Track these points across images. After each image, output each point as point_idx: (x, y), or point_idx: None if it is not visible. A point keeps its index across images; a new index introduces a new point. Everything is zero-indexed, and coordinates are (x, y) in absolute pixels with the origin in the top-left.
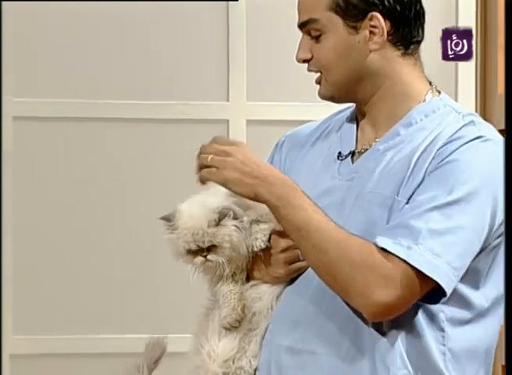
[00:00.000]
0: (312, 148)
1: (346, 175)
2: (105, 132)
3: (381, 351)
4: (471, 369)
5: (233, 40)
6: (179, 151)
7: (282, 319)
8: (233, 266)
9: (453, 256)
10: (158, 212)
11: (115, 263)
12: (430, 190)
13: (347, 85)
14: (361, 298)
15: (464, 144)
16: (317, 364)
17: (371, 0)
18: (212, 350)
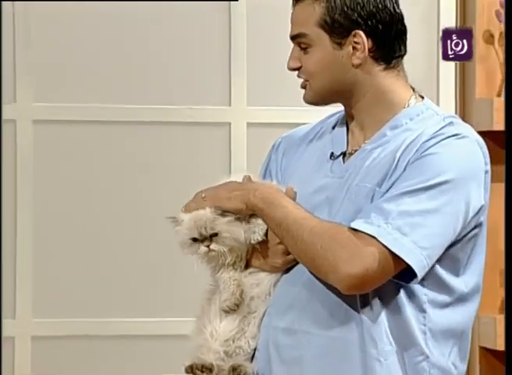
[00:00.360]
0: (307, 149)
1: (338, 173)
2: (119, 133)
3: (369, 330)
4: (447, 347)
5: (235, 49)
6: (185, 151)
7: (278, 303)
8: (234, 255)
9: (419, 236)
10: (166, 205)
11: (127, 253)
12: (407, 179)
13: (329, 93)
14: (333, 273)
15: (442, 140)
16: (311, 343)
17: (355, 19)
18: (214, 330)
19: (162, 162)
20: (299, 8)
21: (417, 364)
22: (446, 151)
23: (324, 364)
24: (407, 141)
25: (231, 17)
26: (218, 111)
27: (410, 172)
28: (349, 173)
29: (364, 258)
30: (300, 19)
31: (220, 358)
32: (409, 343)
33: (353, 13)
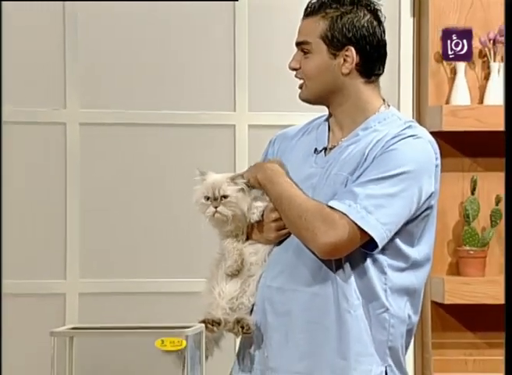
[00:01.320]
0: (296, 144)
1: (320, 164)
2: (145, 134)
3: (341, 288)
4: (403, 301)
5: (239, 65)
6: (197, 148)
7: (272, 268)
8: (236, 223)
9: (381, 215)
10: (180, 192)
11: (152, 228)
12: (373, 169)
13: (320, 94)
14: (313, 241)
15: (402, 139)
16: (297, 299)
17: (349, 37)
18: (221, 291)
19: (178, 157)
20: (307, 21)
21: (379, 315)
22: (405, 148)
23: (307, 315)
24: (374, 140)
25: (235, 39)
26: (224, 115)
27: (376, 164)
28: (329, 164)
29: (337, 231)
30: (306, 30)
31: (226, 313)
32: (373, 298)
33: (348, 33)
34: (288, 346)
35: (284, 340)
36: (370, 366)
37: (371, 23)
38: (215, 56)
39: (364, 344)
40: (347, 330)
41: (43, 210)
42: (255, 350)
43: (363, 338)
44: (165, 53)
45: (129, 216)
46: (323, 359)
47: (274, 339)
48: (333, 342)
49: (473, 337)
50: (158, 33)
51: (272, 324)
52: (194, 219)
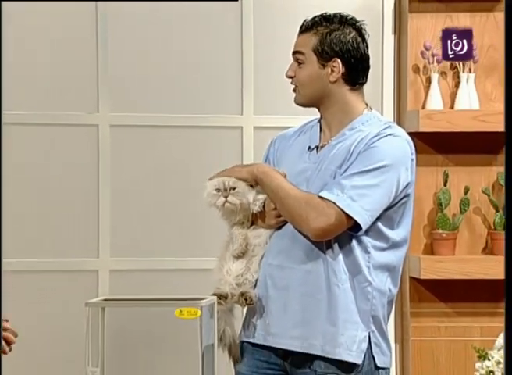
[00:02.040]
0: (293, 143)
1: (313, 160)
2: (167, 135)
3: (331, 265)
4: (384, 276)
5: (246, 73)
6: (209, 147)
7: (272, 249)
8: (242, 214)
9: (364, 202)
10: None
11: (173, 216)
12: (358, 164)
13: (312, 98)
14: (306, 227)
15: (382, 137)
16: (294, 274)
17: (336, 51)
18: (229, 269)
19: (192, 155)
20: (302, 36)
21: (363, 288)
22: (384, 146)
23: (302, 289)
24: (358, 138)
25: (242, 50)
26: (233, 118)
27: (360, 159)
28: (320, 160)
29: (326, 217)
30: (301, 43)
31: (233, 287)
32: (358, 274)
33: (336, 47)
34: (286, 315)
35: (282, 310)
36: (355, 332)
37: (356, 39)
38: (223, 65)
39: (350, 313)
40: (336, 301)
41: (80, 200)
42: (258, 319)
43: (349, 308)
44: (180, 62)
45: (152, 204)
46: (315, 326)
47: (274, 309)
48: (324, 311)
49: (445, 307)
50: (173, 45)
51: (272, 296)
52: (207, 208)
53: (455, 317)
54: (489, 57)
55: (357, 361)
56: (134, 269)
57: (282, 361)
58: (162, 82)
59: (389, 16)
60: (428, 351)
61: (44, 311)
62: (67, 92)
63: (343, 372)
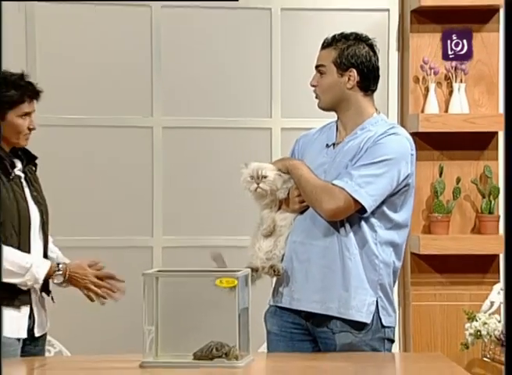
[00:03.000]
0: (314, 141)
1: (330, 155)
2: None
3: (344, 242)
4: (389, 251)
5: (274, 82)
6: (243, 146)
7: (296, 229)
8: (271, 198)
9: (369, 189)
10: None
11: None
12: (365, 157)
13: (332, 103)
14: (320, 208)
15: (387, 136)
16: (313, 249)
17: (353, 62)
18: (260, 246)
19: (230, 151)
20: (324, 51)
21: (371, 261)
22: (388, 142)
23: (321, 261)
24: (367, 137)
25: (272, 63)
26: (263, 121)
27: (367, 153)
28: (335, 155)
29: (337, 201)
30: (323, 57)
31: (263, 261)
32: (367, 249)
33: (352, 59)
34: (307, 283)
35: (305, 279)
36: (365, 296)
37: (369, 53)
38: (255, 75)
39: (361, 281)
40: (349, 272)
41: (137, 189)
42: (284, 287)
43: (360, 277)
44: (219, 72)
45: (198, 192)
46: (332, 292)
47: (297, 278)
48: (339, 280)
49: (440, 277)
50: (214, 57)
51: (296, 268)
52: (242, 196)
53: (448, 286)
54: (477, 69)
55: (366, 320)
56: (183, 246)
57: (305, 321)
58: (204, 89)
59: (394, 36)
60: (425, 314)
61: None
62: (126, 98)
63: (355, 330)
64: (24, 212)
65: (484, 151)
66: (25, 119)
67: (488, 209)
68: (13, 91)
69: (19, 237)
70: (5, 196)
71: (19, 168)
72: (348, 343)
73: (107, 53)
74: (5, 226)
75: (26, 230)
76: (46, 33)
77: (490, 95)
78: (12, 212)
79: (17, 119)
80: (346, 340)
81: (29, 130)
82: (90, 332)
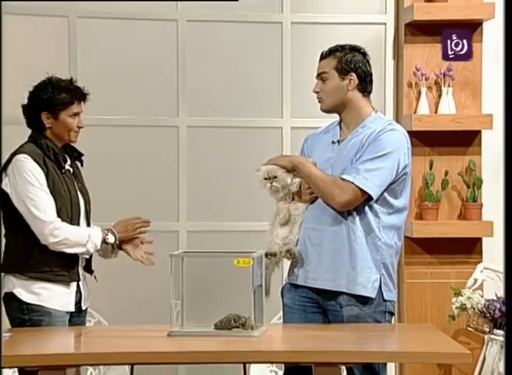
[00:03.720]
0: (321, 140)
1: (336, 151)
2: (224, 132)
3: (351, 227)
4: (391, 234)
5: (285, 86)
6: (258, 143)
7: (308, 217)
8: (284, 192)
9: (375, 180)
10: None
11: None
12: (368, 152)
13: (335, 105)
14: (332, 200)
15: (385, 132)
16: (325, 234)
17: (352, 67)
18: (277, 233)
19: (246, 148)
20: (324, 61)
21: (375, 243)
22: (386, 138)
23: (331, 244)
24: (368, 133)
25: (283, 69)
26: (275, 121)
27: (369, 149)
28: (340, 151)
29: (347, 193)
30: (324, 65)
31: (280, 247)
32: (371, 232)
33: (351, 64)
34: (320, 264)
35: (317, 260)
36: (370, 274)
37: (363, 59)
38: (268, 79)
39: (366, 261)
40: (355, 253)
41: (165, 180)
42: (299, 268)
43: (365, 257)
44: (235, 78)
45: (218, 182)
46: (341, 271)
47: (311, 260)
48: (347, 260)
49: (430, 257)
50: (231, 65)
51: (309, 251)
52: (256, 187)
53: (437, 265)
54: (463, 76)
55: (371, 295)
56: (205, 230)
57: (316, 296)
58: (224, 93)
59: (390, 46)
60: (417, 290)
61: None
62: (155, 102)
63: (360, 304)
64: (75, 201)
65: (468, 148)
66: (74, 118)
67: (472, 198)
68: (64, 95)
69: (72, 222)
70: (60, 187)
71: (69, 163)
72: (354, 315)
73: (139, 62)
74: (62, 213)
75: (76, 216)
76: (87, 44)
77: (474, 98)
78: (65, 200)
79: (68, 119)
80: (352, 312)
81: (78, 127)
82: (124, 305)
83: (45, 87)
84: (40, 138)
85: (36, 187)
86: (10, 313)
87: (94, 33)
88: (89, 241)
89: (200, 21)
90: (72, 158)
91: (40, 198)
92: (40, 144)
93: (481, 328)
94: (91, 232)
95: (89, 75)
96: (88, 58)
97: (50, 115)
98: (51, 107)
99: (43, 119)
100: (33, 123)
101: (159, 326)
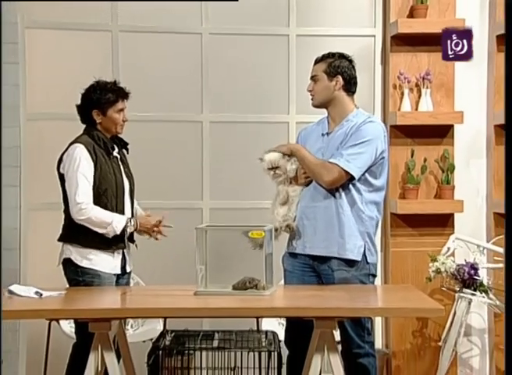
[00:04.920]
0: (313, 132)
1: (325, 142)
2: (238, 127)
3: (339, 202)
4: (372, 208)
5: (291, 87)
6: (267, 135)
7: (304, 196)
8: (284, 176)
9: (356, 163)
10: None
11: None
12: (351, 141)
13: (324, 101)
14: (321, 180)
15: (365, 124)
16: (318, 209)
17: (339, 71)
18: (277, 212)
19: (257, 139)
20: (316, 65)
21: (359, 215)
22: (366, 128)
23: (324, 218)
24: (350, 126)
25: (289, 74)
26: (282, 116)
27: (352, 138)
28: (329, 141)
29: (333, 173)
30: (317, 69)
31: (281, 223)
32: (355, 206)
33: (338, 69)
34: (315, 235)
35: (313, 232)
36: (356, 241)
37: (349, 65)
38: (277, 83)
39: (352, 231)
40: (343, 224)
41: (190, 166)
42: (297, 239)
43: (352, 228)
44: (250, 80)
45: (235, 167)
46: (332, 239)
47: (308, 232)
48: (337, 231)
49: (411, 230)
50: (246, 69)
51: (306, 225)
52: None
53: (417, 236)
54: (439, 79)
55: (357, 258)
56: (225, 208)
57: (312, 262)
58: (240, 93)
59: (378, 54)
60: (400, 257)
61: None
62: (182, 101)
63: (349, 267)
64: (120, 182)
65: (443, 139)
66: (120, 113)
67: (446, 181)
68: (110, 94)
69: (117, 200)
70: (107, 170)
71: (116, 151)
72: (343, 277)
73: (170, 68)
74: (107, 192)
75: (121, 195)
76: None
77: (448, 98)
78: (111, 182)
79: (114, 114)
80: (342, 275)
81: (123, 121)
82: (159, 269)
83: (94, 89)
84: (93, 131)
85: (80, 172)
86: (68, 276)
87: (133, 44)
88: (110, 225)
89: (220, 34)
90: (120, 147)
91: (80, 182)
92: (92, 135)
93: (452, 288)
94: (115, 219)
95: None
96: (128, 65)
97: (99, 112)
98: (100, 105)
99: (94, 115)
100: (85, 119)
101: (187, 286)
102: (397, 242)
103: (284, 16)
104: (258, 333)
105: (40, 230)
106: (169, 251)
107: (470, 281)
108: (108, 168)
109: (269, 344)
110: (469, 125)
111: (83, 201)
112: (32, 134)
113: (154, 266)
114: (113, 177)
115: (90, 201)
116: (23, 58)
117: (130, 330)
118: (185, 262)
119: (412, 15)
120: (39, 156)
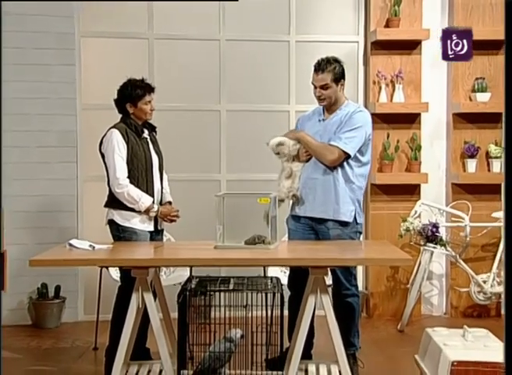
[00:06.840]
0: (311, 119)
1: (322, 126)
2: (247, 115)
3: (336, 176)
4: (361, 180)
5: (291, 81)
6: (272, 123)
7: (306, 170)
8: (287, 156)
9: (352, 144)
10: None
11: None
12: (345, 126)
13: (332, 102)
14: (324, 159)
15: (357, 112)
16: (317, 181)
17: (341, 76)
18: (283, 184)
19: (264, 124)
20: (322, 75)
21: (351, 186)
22: (357, 116)
23: (322, 188)
24: (343, 114)
25: (290, 72)
26: (284, 106)
27: (346, 124)
28: (325, 126)
29: (334, 154)
30: (324, 79)
31: (286, 194)
32: (348, 179)
33: (341, 74)
34: (315, 201)
35: (313, 199)
36: (348, 206)
37: (343, 68)
38: (280, 78)
39: (346, 198)
40: (338, 192)
41: (209, 146)
42: (300, 206)
43: (345, 196)
44: (258, 76)
45: (248, 146)
46: (329, 205)
47: (309, 199)
48: (333, 198)
49: (386, 197)
50: (257, 67)
51: (307, 193)
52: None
53: (391, 201)
54: (409, 77)
55: (349, 220)
56: (239, 179)
57: (311, 222)
58: (250, 87)
59: (361, 56)
60: (378, 218)
61: (191, 201)
62: (203, 93)
63: (342, 226)
64: (149, 159)
65: (412, 124)
66: (148, 104)
67: (414, 158)
68: (139, 90)
69: (146, 174)
70: (137, 149)
71: (146, 133)
72: (337, 234)
73: (194, 67)
74: (138, 168)
75: (150, 170)
76: (160, 55)
77: (416, 91)
78: (141, 159)
79: (143, 106)
80: (336, 233)
81: (151, 110)
82: (186, 228)
83: (126, 86)
84: (127, 119)
85: (116, 152)
86: (112, 233)
87: (165, 48)
88: (138, 202)
89: (234, 40)
90: (149, 130)
91: (117, 161)
92: (126, 122)
93: (418, 242)
94: (142, 199)
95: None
96: (161, 65)
97: (131, 104)
98: (131, 99)
99: (127, 107)
100: (121, 110)
101: (208, 242)
102: (376, 206)
103: (285, 26)
104: (265, 279)
105: (92, 196)
106: (194, 214)
107: (432, 237)
108: (139, 147)
109: (274, 287)
110: (433, 113)
111: (119, 177)
112: (86, 121)
113: (182, 225)
114: (143, 154)
115: (125, 176)
116: (78, 60)
117: (164, 275)
118: (207, 223)
119: (388, 25)
120: (91, 138)
